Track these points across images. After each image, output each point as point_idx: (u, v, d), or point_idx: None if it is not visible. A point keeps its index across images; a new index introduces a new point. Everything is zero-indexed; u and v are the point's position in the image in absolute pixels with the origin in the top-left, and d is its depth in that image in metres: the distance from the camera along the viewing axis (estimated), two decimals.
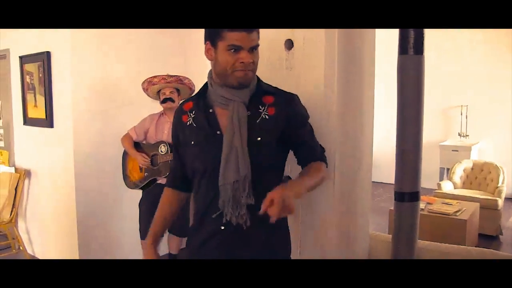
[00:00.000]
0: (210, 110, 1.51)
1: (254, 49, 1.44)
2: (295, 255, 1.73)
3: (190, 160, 1.55)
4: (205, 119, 1.50)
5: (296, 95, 1.57)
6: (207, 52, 1.48)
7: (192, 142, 1.52)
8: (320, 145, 1.61)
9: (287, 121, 1.50)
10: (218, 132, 1.48)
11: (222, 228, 1.46)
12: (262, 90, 1.53)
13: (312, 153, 1.57)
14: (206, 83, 1.56)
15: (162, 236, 1.70)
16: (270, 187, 1.36)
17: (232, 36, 1.39)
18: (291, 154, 1.61)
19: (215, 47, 1.44)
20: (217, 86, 1.49)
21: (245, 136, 1.44)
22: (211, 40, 1.44)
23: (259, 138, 1.46)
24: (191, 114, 1.55)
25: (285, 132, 1.50)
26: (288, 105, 1.52)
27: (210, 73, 1.54)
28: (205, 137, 1.49)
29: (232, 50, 1.40)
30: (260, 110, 1.49)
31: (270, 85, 1.57)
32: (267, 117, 1.49)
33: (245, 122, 1.45)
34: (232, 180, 1.42)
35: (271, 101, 1.51)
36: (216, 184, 1.45)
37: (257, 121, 1.48)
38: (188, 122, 1.54)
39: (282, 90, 1.57)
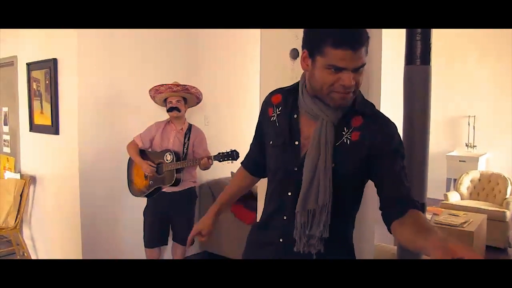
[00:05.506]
0: (295, 116, 1.36)
1: (359, 68, 1.21)
2: None
3: (266, 155, 1.46)
4: (288, 124, 1.36)
5: (393, 123, 1.33)
6: (302, 60, 1.29)
7: (271, 142, 1.40)
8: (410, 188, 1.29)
9: (371, 151, 1.27)
10: (297, 143, 1.34)
11: (281, 240, 1.38)
12: (355, 109, 1.30)
13: (398, 199, 1.24)
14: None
15: (226, 208, 1.67)
16: (334, 221, 1.28)
17: (335, 55, 1.17)
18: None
19: (313, 60, 1.23)
20: (307, 95, 1.32)
21: (330, 162, 1.27)
22: (309, 51, 1.25)
23: (333, 165, 1.27)
24: (277, 110, 1.40)
25: (367, 163, 1.29)
26: (378, 132, 1.28)
27: (303, 76, 1.35)
28: (283, 144, 1.36)
29: (333, 69, 1.19)
30: (343, 133, 1.29)
31: (368, 103, 1.35)
32: (348, 142, 1.28)
33: (332, 146, 1.27)
34: (312, 207, 1.28)
35: (358, 124, 1.29)
36: (280, 196, 1.38)
37: (336, 145, 1.28)
38: (272, 118, 1.41)
39: (380, 113, 1.35)
